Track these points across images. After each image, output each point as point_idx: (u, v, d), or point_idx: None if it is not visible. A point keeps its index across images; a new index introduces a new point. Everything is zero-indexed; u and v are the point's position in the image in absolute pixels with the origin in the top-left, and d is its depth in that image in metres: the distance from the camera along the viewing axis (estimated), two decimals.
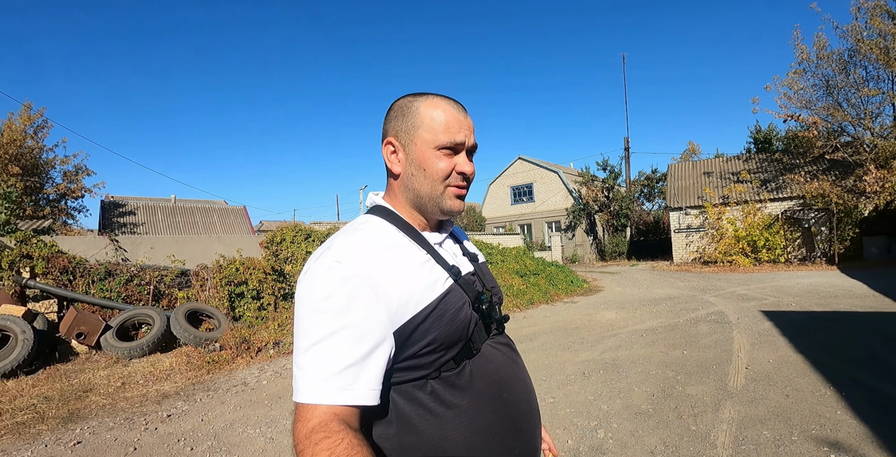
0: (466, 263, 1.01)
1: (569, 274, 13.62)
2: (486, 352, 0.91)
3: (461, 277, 0.91)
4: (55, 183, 21.03)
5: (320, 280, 0.77)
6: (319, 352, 0.73)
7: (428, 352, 0.83)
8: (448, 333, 0.84)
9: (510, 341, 1.02)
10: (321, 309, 0.75)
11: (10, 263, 6.84)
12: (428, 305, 0.83)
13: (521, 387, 0.95)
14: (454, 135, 0.89)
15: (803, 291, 9.58)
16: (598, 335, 6.51)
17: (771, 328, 6.25)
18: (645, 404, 3.82)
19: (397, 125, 0.92)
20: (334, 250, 0.80)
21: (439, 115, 0.90)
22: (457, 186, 0.92)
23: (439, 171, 0.90)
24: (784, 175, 18.39)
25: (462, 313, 0.86)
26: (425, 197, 0.92)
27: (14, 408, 4.39)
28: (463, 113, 0.93)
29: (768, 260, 16.73)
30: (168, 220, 22.71)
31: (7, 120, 19.23)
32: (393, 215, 0.93)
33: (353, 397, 0.73)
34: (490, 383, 0.89)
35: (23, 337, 5.55)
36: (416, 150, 0.90)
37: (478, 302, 0.91)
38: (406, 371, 0.84)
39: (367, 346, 0.75)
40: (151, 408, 4.33)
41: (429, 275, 0.86)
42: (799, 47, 16.77)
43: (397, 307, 0.79)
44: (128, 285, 7.46)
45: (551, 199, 27.94)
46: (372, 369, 0.75)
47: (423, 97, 0.93)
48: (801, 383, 4.07)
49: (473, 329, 0.89)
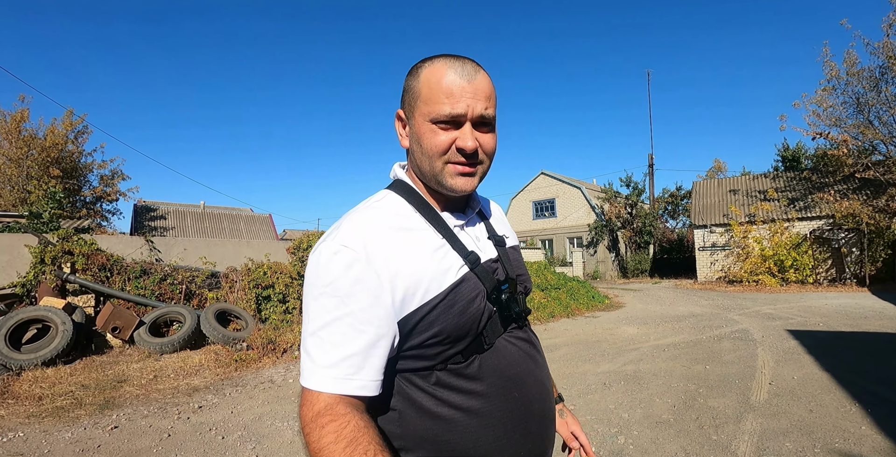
0: (490, 247, 0.93)
1: (590, 289, 13.53)
2: (499, 347, 0.85)
3: (479, 264, 0.85)
4: (92, 186, 21.98)
5: (325, 264, 0.75)
6: (324, 337, 0.73)
7: (433, 344, 0.79)
8: (456, 327, 0.79)
9: (531, 337, 0.94)
10: (325, 293, 0.74)
11: (53, 259, 7.20)
12: (437, 296, 0.78)
13: (536, 386, 0.89)
14: (453, 105, 0.78)
15: (832, 312, 9.36)
16: (619, 349, 6.49)
17: (796, 346, 6.15)
18: (666, 413, 3.83)
19: (405, 95, 0.86)
20: (342, 232, 0.77)
21: (437, 82, 0.80)
22: (457, 162, 0.82)
23: (434, 146, 0.81)
24: (813, 194, 18.02)
25: (474, 306, 0.81)
26: (427, 174, 0.85)
27: (54, 393, 4.62)
28: (469, 77, 0.80)
29: (796, 280, 16.34)
30: (197, 225, 23.38)
31: (50, 125, 20.26)
32: (412, 193, 0.87)
33: (355, 387, 0.72)
34: (501, 379, 0.83)
35: (63, 328, 5.82)
36: (416, 123, 0.83)
37: (496, 292, 0.84)
38: (410, 360, 0.81)
39: (371, 335, 0.73)
40: (183, 399, 4.51)
41: (441, 262, 0.81)
42: (828, 64, 16.57)
43: (403, 296, 0.76)
44: (161, 284, 7.76)
45: (573, 214, 27.83)
46: (374, 360, 0.74)
47: (430, 61, 0.83)
48: (826, 398, 4.02)
49: (486, 323, 0.83)
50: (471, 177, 0.84)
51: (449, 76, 0.79)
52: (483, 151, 0.83)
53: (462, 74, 0.80)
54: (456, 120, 0.79)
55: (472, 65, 0.82)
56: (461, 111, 0.79)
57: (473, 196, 0.96)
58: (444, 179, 0.83)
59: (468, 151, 0.80)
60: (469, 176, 0.83)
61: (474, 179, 0.84)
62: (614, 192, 26.29)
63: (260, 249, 10.04)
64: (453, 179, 0.82)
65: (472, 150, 0.80)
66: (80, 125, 21.15)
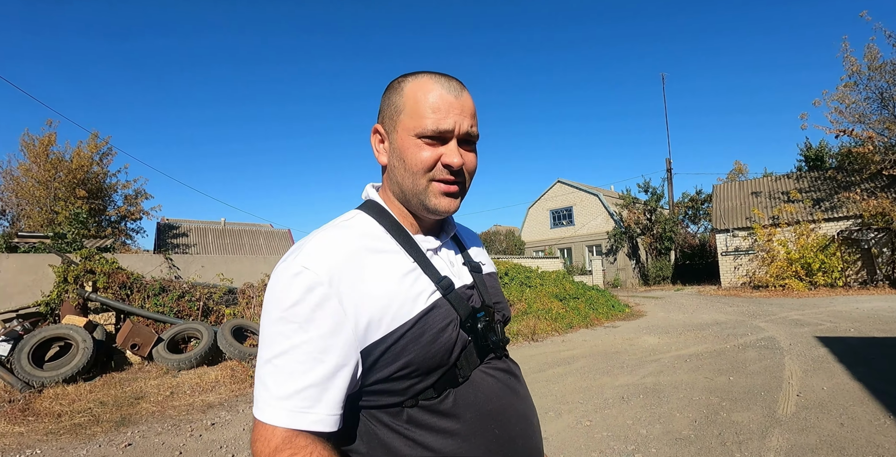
0: (465, 273, 0.89)
1: (610, 298, 13.29)
2: (476, 380, 0.79)
3: (453, 290, 0.80)
4: (116, 206, 22.58)
5: (285, 286, 0.70)
6: (280, 365, 0.68)
7: (401, 377, 0.73)
8: (426, 358, 0.73)
9: (512, 367, 0.88)
10: (283, 318, 0.69)
11: (76, 278, 7.37)
12: (405, 324, 0.73)
13: (519, 421, 0.82)
14: (440, 121, 0.76)
15: (863, 317, 8.99)
16: (639, 360, 6.32)
17: (826, 354, 5.90)
18: (686, 429, 3.68)
19: (384, 109, 0.82)
20: (305, 253, 0.72)
21: (424, 97, 0.77)
22: (442, 180, 0.78)
23: (419, 162, 0.77)
24: (839, 193, 17.50)
25: (445, 334, 0.75)
26: (408, 192, 0.80)
27: (72, 410, 4.69)
28: (456, 93, 0.79)
29: (825, 284, 15.81)
30: (217, 241, 23.80)
31: (76, 147, 20.96)
32: (384, 214, 0.83)
33: (310, 422, 0.67)
34: (479, 415, 0.77)
35: (83, 346, 5.93)
36: (398, 137, 0.79)
37: (471, 320, 0.79)
38: (377, 395, 0.74)
39: (330, 365, 0.68)
40: (197, 416, 4.52)
41: (411, 287, 0.76)
42: (848, 60, 16.20)
43: (368, 324, 0.71)
44: (179, 301, 7.86)
45: (591, 222, 27.53)
46: (333, 392, 0.69)
47: (413, 76, 0.80)
48: (858, 411, 3.82)
49: (460, 353, 0.77)
50: (454, 198, 0.80)
51: (436, 91, 0.77)
52: (466, 170, 0.81)
53: (449, 90, 0.78)
54: (443, 136, 0.77)
55: (457, 82, 0.81)
56: (449, 127, 0.76)
57: (449, 220, 0.92)
58: (428, 199, 0.79)
59: (455, 167, 0.77)
60: (452, 197, 0.80)
61: (457, 200, 0.81)
62: (632, 198, 25.95)
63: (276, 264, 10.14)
64: (437, 198, 0.79)
65: (459, 166, 0.77)
66: (104, 147, 21.80)
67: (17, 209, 19.98)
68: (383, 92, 0.84)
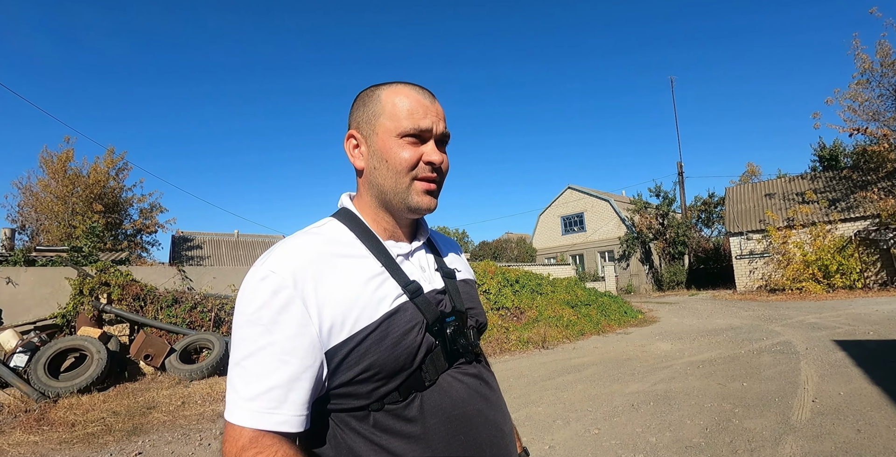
0: (437, 278, 0.89)
1: (622, 304, 13.15)
2: (443, 384, 0.79)
3: (421, 294, 0.81)
4: (132, 219, 22.97)
5: (252, 290, 0.72)
6: (247, 367, 0.69)
7: (364, 379, 0.73)
8: (388, 360, 0.74)
9: (484, 373, 0.87)
10: (250, 321, 0.71)
11: (91, 290, 7.51)
12: (368, 326, 0.74)
13: (488, 428, 0.81)
14: (419, 121, 0.81)
15: (883, 319, 8.77)
16: (651, 367, 6.23)
17: (843, 359, 5.77)
18: (697, 437, 3.62)
19: (359, 116, 0.85)
20: (272, 258, 0.74)
21: (402, 101, 0.82)
22: (425, 178, 0.82)
23: (403, 161, 0.81)
24: (855, 193, 17.18)
25: (409, 337, 0.76)
26: (390, 192, 0.83)
27: (86, 420, 4.76)
28: (430, 99, 0.85)
29: (843, 286, 15.46)
30: (231, 253, 24.08)
31: (93, 163, 21.45)
32: (354, 220, 0.85)
33: (276, 423, 0.68)
34: (444, 420, 0.77)
35: (98, 357, 6.02)
36: (378, 140, 0.82)
37: (438, 324, 0.80)
38: (343, 399, 0.75)
39: (294, 367, 0.69)
40: (207, 426, 4.56)
41: (376, 290, 0.77)
42: (860, 57, 15.98)
43: (331, 325, 0.72)
44: (192, 312, 7.96)
45: (603, 228, 27.33)
46: (298, 393, 0.70)
47: (387, 85, 0.86)
48: (876, 417, 3.72)
49: (425, 357, 0.78)
50: (433, 196, 0.84)
51: (412, 95, 0.83)
52: (443, 168, 0.85)
53: (423, 96, 0.84)
54: (423, 135, 0.82)
55: (428, 91, 0.87)
56: (428, 126, 0.82)
57: (422, 225, 0.95)
58: (410, 197, 0.82)
59: (437, 163, 0.82)
60: (432, 195, 0.84)
61: (436, 199, 0.85)
62: (644, 202, 25.71)
63: None
64: (420, 196, 0.83)
65: (440, 163, 0.83)
66: (120, 162, 22.29)
67: (37, 224, 20.44)
68: (354, 101, 0.88)
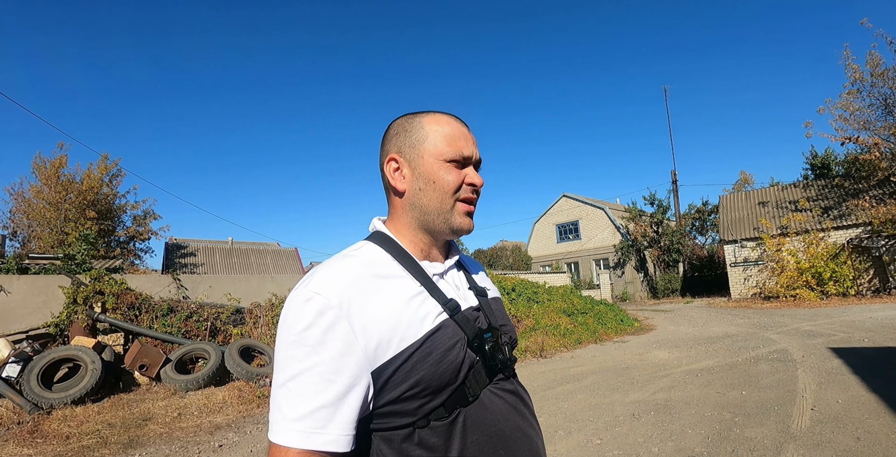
0: (471, 296, 0.93)
1: (618, 313, 13.17)
2: (485, 400, 0.81)
3: (459, 311, 0.83)
4: (126, 226, 22.76)
5: (296, 312, 0.73)
6: (293, 388, 0.70)
7: (411, 396, 0.75)
8: (434, 376, 0.75)
9: (519, 389, 0.90)
10: (296, 342, 0.72)
11: (85, 299, 7.42)
12: (412, 344, 0.75)
13: (525, 442, 0.84)
14: (462, 148, 0.88)
15: (877, 326, 8.84)
16: (650, 375, 6.23)
17: (840, 366, 5.80)
18: (699, 446, 3.62)
19: (400, 141, 0.90)
20: (316, 280, 0.76)
21: (445, 129, 0.89)
22: (466, 199, 0.89)
23: (449, 183, 0.87)
24: (847, 201, 17.37)
25: (453, 353, 0.78)
26: (433, 212, 0.87)
27: (81, 432, 4.68)
28: (466, 128, 0.93)
29: (836, 293, 15.59)
30: (225, 261, 23.92)
31: (87, 169, 21.29)
32: (390, 242, 0.88)
33: (324, 443, 0.69)
34: (486, 436, 0.79)
35: (92, 367, 5.94)
36: (424, 163, 0.87)
37: (478, 340, 0.82)
38: (388, 417, 0.76)
39: (341, 386, 0.71)
40: (204, 438, 4.50)
41: (418, 309, 0.79)
42: (850, 67, 16.22)
43: (377, 345, 0.73)
44: (187, 321, 7.89)
45: (598, 236, 27.44)
46: (345, 412, 0.71)
47: (425, 114, 0.92)
48: (875, 424, 3.74)
49: (468, 372, 0.80)
50: (471, 218, 0.91)
51: (453, 124, 0.90)
52: (479, 192, 0.93)
53: (462, 125, 0.92)
54: (466, 161, 0.89)
55: (462, 120, 0.95)
56: (470, 153, 0.90)
57: (454, 245, 0.99)
58: (453, 217, 0.88)
59: (479, 185, 0.90)
60: (470, 216, 0.91)
61: (472, 220, 0.92)
62: (639, 210, 25.84)
63: (283, 283, 10.16)
64: (461, 217, 0.89)
65: (482, 184, 0.91)
66: (114, 169, 22.06)
67: (28, 231, 20.20)
68: (390, 128, 0.93)
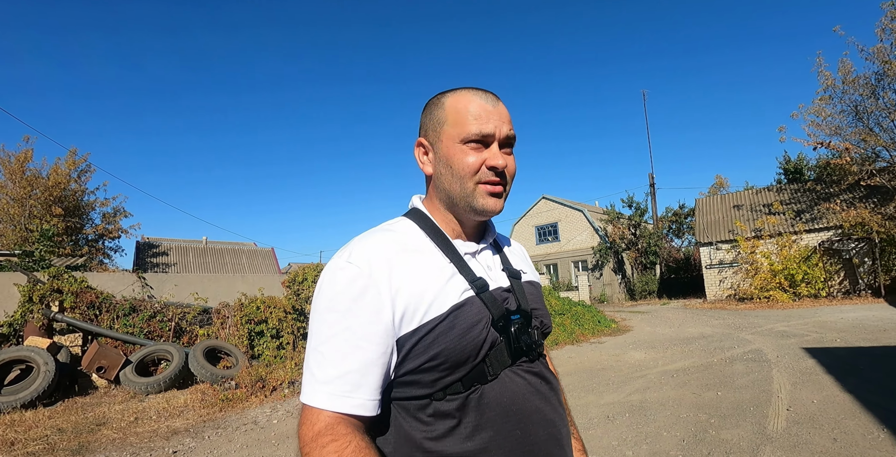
0: (503, 277, 0.91)
1: (596, 314, 13.16)
2: (505, 379, 0.80)
3: (487, 291, 0.83)
4: (94, 224, 22.00)
5: (330, 279, 0.76)
6: (324, 352, 0.73)
7: (430, 368, 0.76)
8: (455, 350, 0.75)
9: (546, 372, 0.88)
10: (328, 308, 0.75)
11: (41, 297, 7.05)
12: (437, 317, 0.76)
13: (544, 425, 0.82)
14: (481, 126, 0.83)
15: (848, 326, 8.98)
16: (625, 376, 6.16)
17: (814, 366, 5.81)
18: (674, 449, 3.52)
19: (426, 123, 0.89)
20: (350, 250, 0.79)
21: (464, 107, 0.84)
22: (488, 181, 0.84)
23: (466, 166, 0.82)
24: (819, 205, 17.74)
25: (475, 330, 0.78)
26: (456, 196, 0.85)
27: (27, 438, 4.39)
28: (493, 102, 0.86)
29: (808, 294, 15.88)
30: (199, 260, 23.32)
31: (54, 164, 20.52)
32: (425, 219, 0.89)
33: (352, 406, 0.71)
34: (502, 414, 0.78)
35: (45, 369, 5.61)
36: (443, 146, 0.85)
37: (503, 320, 0.81)
38: (407, 387, 0.77)
39: (370, 352, 0.73)
40: (159, 444, 4.24)
41: (446, 284, 0.80)
42: (823, 74, 16.53)
43: (403, 314, 0.75)
44: (151, 321, 7.56)
45: (577, 237, 27.57)
46: (373, 377, 0.73)
47: (452, 92, 0.88)
48: (851, 425, 3.70)
49: (490, 350, 0.79)
50: (499, 198, 0.85)
51: (476, 101, 0.85)
52: (508, 172, 0.86)
53: (486, 100, 0.85)
54: (485, 139, 0.83)
55: (492, 94, 0.88)
56: (490, 131, 0.83)
57: (489, 226, 0.97)
58: (475, 200, 0.84)
59: (500, 168, 0.83)
60: (497, 197, 0.85)
61: (501, 200, 0.86)
62: (617, 213, 26.07)
63: (255, 283, 9.85)
64: (484, 199, 0.84)
65: (504, 167, 0.83)
66: (82, 164, 21.33)
67: None
68: (423, 109, 0.91)
